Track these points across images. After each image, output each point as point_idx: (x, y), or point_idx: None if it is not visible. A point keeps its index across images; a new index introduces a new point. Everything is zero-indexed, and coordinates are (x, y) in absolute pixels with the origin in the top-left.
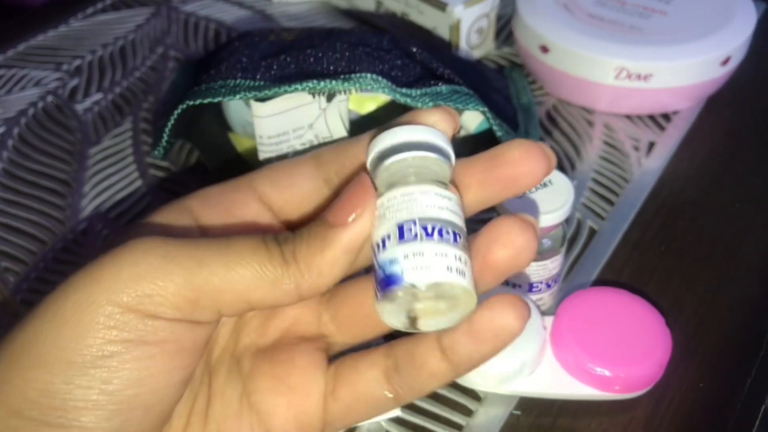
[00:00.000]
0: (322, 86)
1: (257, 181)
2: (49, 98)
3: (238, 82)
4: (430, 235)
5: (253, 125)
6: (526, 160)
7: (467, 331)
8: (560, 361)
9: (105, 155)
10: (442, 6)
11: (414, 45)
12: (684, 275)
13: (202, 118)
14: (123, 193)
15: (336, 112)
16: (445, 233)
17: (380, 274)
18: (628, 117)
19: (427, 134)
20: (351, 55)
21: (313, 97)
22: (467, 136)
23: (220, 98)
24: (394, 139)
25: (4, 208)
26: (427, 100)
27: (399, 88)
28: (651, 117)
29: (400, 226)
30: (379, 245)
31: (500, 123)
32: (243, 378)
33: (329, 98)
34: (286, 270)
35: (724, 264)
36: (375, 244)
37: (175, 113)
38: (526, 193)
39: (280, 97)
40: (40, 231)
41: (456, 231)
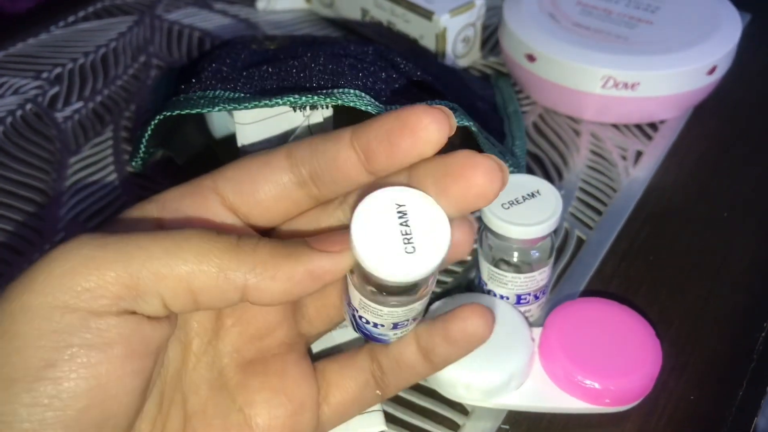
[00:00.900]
0: (303, 101)
1: (220, 183)
2: (28, 106)
3: (217, 93)
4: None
5: (235, 132)
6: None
7: (444, 338)
8: (549, 374)
9: (85, 164)
10: (428, 15)
11: (399, 56)
12: (672, 285)
13: (184, 127)
14: (102, 203)
15: (320, 119)
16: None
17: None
18: (615, 126)
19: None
20: (334, 67)
21: (294, 111)
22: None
23: (198, 110)
24: (382, 277)
25: None
26: None
27: (382, 106)
28: (638, 126)
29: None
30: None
31: (487, 136)
32: (231, 392)
33: (312, 107)
34: (236, 259)
35: (712, 273)
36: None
37: (152, 123)
38: (515, 202)
39: None
40: (17, 241)
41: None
